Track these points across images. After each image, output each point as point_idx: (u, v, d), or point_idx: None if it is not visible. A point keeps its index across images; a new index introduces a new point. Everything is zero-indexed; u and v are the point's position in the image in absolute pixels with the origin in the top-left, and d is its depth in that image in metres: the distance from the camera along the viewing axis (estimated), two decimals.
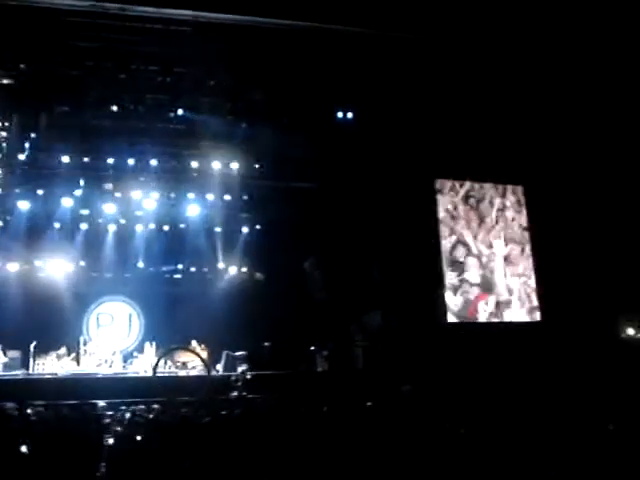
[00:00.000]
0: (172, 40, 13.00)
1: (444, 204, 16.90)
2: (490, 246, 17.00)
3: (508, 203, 17.50)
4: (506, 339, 15.21)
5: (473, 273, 16.70)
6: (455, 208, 16.93)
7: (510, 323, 16.59)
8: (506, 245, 17.15)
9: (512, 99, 15.09)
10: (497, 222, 17.26)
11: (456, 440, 5.72)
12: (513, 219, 17.42)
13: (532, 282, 17.11)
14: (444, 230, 16.76)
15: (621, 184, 15.91)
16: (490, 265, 16.86)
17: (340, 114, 14.97)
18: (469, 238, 16.87)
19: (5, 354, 13.94)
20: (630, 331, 16.38)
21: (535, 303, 17.01)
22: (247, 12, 12.44)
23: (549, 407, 7.03)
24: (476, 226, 17.04)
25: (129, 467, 5.79)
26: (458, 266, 16.65)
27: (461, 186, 17.15)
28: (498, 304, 16.68)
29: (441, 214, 16.82)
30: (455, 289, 16.49)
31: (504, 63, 14.05)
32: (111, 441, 6.15)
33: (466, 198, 17.13)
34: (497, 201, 17.41)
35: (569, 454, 4.73)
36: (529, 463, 4.58)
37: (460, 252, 16.74)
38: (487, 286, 16.73)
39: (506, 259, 17.03)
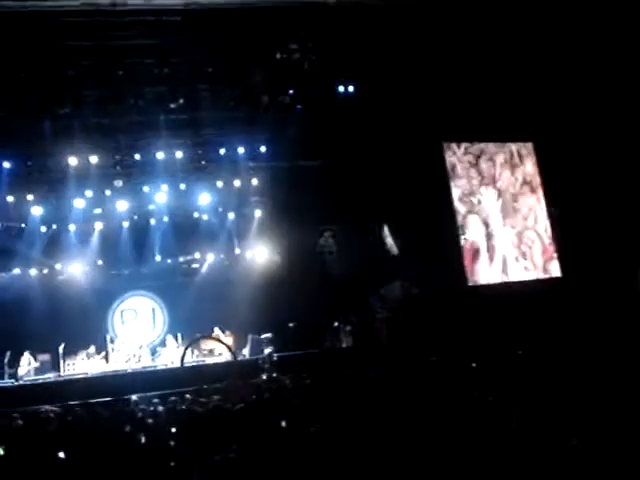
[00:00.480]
0: (166, 31, 12.88)
1: (450, 165, 16.84)
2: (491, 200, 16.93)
3: (511, 157, 17.36)
4: (527, 298, 15.12)
5: (473, 232, 16.63)
6: (453, 168, 16.84)
7: (528, 281, 16.52)
8: (510, 200, 17.05)
9: (516, 56, 14.82)
10: (499, 177, 17.14)
11: (485, 408, 5.75)
12: (516, 174, 17.30)
13: (539, 236, 17.01)
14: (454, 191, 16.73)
15: (634, 136, 15.61)
16: (489, 221, 16.78)
17: (341, 88, 14.80)
18: (471, 195, 16.82)
19: (35, 359, 14.16)
20: None
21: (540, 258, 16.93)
22: None
23: (574, 370, 7.02)
24: (477, 183, 16.94)
25: (163, 460, 5.87)
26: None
27: (459, 146, 17.04)
28: (504, 260, 16.61)
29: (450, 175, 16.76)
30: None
31: (506, 19, 13.78)
32: (144, 437, 6.24)
33: (465, 155, 17.02)
34: (500, 157, 17.27)
35: (594, 422, 4.72)
36: (554, 429, 4.59)
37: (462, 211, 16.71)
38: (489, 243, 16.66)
39: (506, 214, 16.94)
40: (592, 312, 13.66)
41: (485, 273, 16.48)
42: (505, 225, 16.91)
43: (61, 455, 5.50)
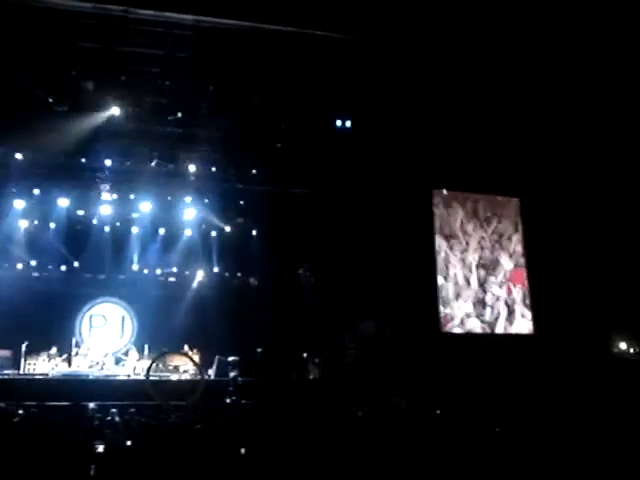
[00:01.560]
0: (173, 44, 12.97)
1: (439, 215, 16.95)
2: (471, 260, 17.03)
3: (500, 216, 17.56)
4: (498, 350, 15.18)
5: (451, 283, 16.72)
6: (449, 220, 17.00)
7: (503, 335, 16.58)
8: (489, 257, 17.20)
9: (510, 108, 15.11)
10: (486, 234, 17.30)
11: (450, 451, 5.72)
12: (503, 234, 17.46)
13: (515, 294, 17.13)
14: (439, 241, 16.81)
15: (615, 199, 15.94)
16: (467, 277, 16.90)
17: (339, 122, 14.95)
18: (453, 251, 16.91)
19: None
20: (622, 346, 16.41)
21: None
22: (248, 18, 12.44)
23: (540, 418, 7.03)
24: (463, 238, 17.09)
25: (118, 471, 5.76)
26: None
27: (455, 198, 17.21)
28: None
29: (436, 225, 16.86)
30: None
31: (502, 72, 14.07)
32: (101, 446, 6.11)
33: (462, 210, 17.19)
34: (489, 214, 17.46)
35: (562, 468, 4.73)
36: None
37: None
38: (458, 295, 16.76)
39: (485, 270, 17.05)
40: (563, 368, 13.74)
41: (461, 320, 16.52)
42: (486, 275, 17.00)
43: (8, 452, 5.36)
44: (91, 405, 10.10)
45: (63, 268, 15.74)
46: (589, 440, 5.98)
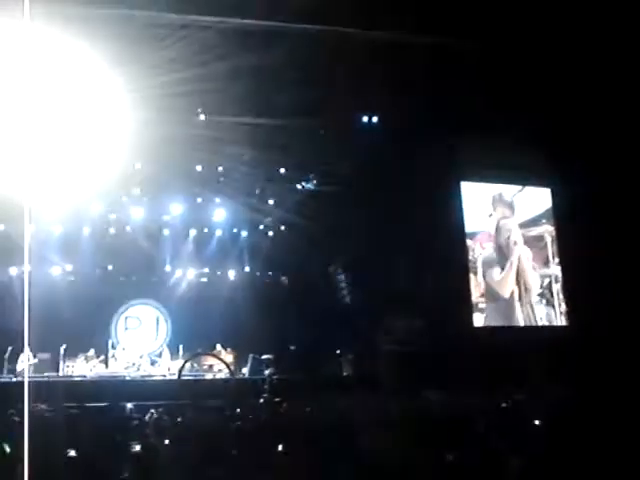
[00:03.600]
0: (196, 44, 13.07)
1: (471, 205, 16.74)
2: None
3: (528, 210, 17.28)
4: (535, 343, 14.96)
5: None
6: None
7: (539, 327, 16.38)
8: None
9: (542, 98, 14.89)
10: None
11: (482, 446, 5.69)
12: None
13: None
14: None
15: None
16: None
17: (365, 118, 14.92)
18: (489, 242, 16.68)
19: (35, 356, 14.17)
20: None
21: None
22: (273, 18, 12.47)
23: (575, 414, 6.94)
24: (501, 228, 16.83)
25: (155, 471, 5.84)
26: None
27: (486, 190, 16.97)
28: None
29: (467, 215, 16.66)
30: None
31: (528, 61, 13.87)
32: (138, 446, 6.21)
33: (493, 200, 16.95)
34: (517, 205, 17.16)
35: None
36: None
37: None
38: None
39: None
40: (600, 360, 13.49)
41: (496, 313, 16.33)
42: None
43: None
44: (129, 405, 10.28)
45: (98, 272, 16.00)
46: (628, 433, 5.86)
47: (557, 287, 16.88)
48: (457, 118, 14.99)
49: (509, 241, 16.61)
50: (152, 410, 8.83)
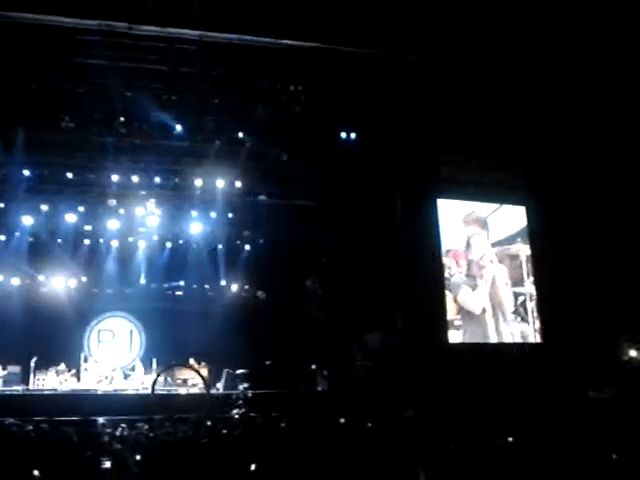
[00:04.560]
0: (177, 59, 13.09)
1: (445, 223, 16.81)
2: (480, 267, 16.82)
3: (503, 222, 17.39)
4: (507, 360, 15.07)
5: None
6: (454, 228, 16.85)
7: (511, 344, 16.47)
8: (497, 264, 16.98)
9: (513, 114, 15.14)
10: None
11: (457, 462, 5.70)
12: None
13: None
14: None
15: (622, 200, 15.81)
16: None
17: (344, 134, 15.00)
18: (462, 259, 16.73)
19: (4, 368, 13.92)
20: (632, 353, 16.25)
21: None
22: (252, 32, 12.55)
23: (548, 432, 6.99)
24: (472, 245, 16.91)
25: None
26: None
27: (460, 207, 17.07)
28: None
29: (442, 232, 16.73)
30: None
31: (506, 77, 14.11)
32: (109, 462, 6.11)
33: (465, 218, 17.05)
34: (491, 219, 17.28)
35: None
36: None
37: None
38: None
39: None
40: (572, 377, 13.62)
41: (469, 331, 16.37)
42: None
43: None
44: (100, 420, 10.12)
45: (71, 283, 15.80)
46: (597, 449, 5.94)
47: (531, 305, 16.99)
48: (435, 136, 15.20)
49: (482, 259, 16.69)
50: (123, 425, 8.69)
